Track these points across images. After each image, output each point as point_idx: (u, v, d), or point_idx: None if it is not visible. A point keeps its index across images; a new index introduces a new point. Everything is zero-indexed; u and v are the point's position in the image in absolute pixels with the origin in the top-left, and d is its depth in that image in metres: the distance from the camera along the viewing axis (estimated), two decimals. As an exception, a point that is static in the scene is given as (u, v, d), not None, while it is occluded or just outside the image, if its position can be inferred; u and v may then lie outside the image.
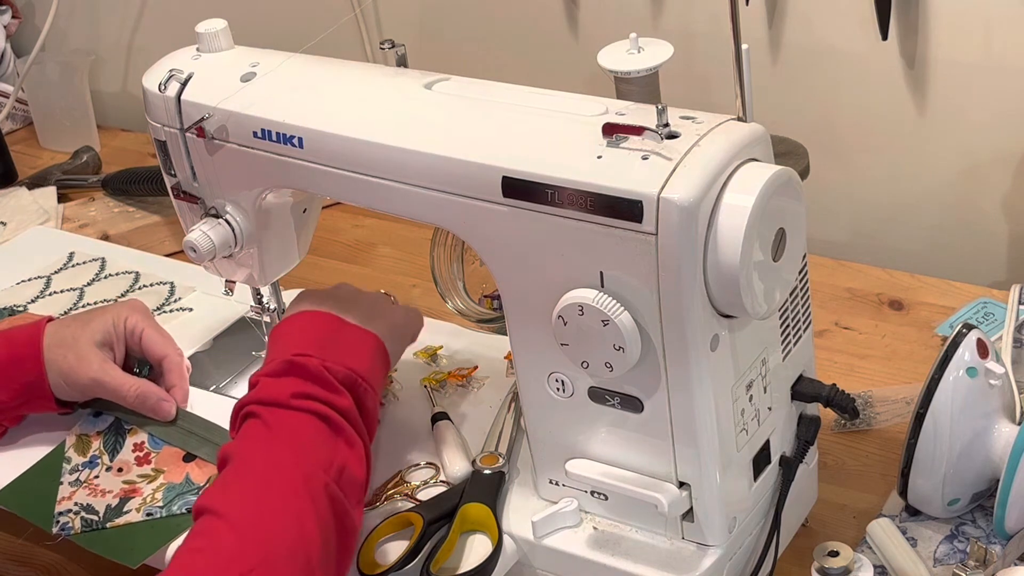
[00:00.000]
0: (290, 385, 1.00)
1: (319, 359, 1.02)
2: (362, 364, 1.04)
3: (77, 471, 1.16)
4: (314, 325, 1.07)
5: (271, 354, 1.06)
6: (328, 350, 1.03)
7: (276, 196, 1.13)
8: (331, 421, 0.99)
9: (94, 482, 1.15)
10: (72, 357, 1.15)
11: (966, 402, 1.02)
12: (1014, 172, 1.38)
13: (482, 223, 0.96)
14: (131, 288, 1.46)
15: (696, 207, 0.87)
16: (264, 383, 1.02)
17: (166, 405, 1.17)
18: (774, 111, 1.34)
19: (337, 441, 0.99)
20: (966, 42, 1.34)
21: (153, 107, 1.13)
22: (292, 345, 1.04)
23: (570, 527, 1.02)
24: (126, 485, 1.14)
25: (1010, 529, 1.02)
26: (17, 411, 1.18)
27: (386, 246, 1.56)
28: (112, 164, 1.81)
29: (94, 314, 1.19)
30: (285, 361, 1.02)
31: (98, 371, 1.15)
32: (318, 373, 1.01)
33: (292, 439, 0.98)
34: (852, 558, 0.99)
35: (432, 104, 1.02)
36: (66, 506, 1.13)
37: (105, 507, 1.12)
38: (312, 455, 0.97)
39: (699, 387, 0.92)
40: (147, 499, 1.12)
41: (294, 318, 1.09)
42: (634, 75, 1.21)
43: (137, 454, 1.17)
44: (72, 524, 1.11)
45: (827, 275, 1.39)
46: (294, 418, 0.99)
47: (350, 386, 1.02)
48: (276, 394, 1.00)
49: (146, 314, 1.21)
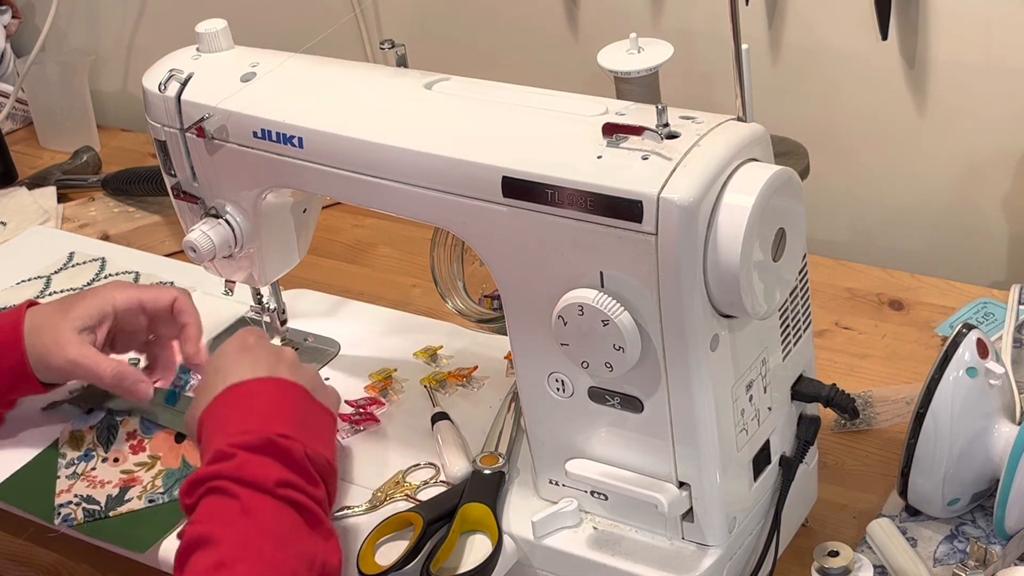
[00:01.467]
0: (274, 470, 0.94)
1: (302, 444, 0.97)
2: (332, 450, 1.01)
3: (73, 464, 1.17)
4: (288, 399, 1.02)
5: (235, 415, 1.00)
6: (305, 433, 0.98)
7: (276, 196, 1.13)
8: (310, 513, 0.94)
9: (92, 474, 1.15)
10: (49, 340, 1.14)
11: (966, 402, 1.02)
12: (1014, 172, 1.38)
13: (482, 223, 0.96)
14: None
15: (696, 207, 0.87)
16: (244, 459, 0.95)
17: (143, 386, 1.15)
18: (774, 111, 1.34)
19: (315, 535, 0.94)
20: (966, 42, 1.34)
21: (153, 107, 1.13)
22: (270, 420, 0.98)
23: (570, 527, 1.02)
24: (124, 475, 1.15)
25: (1010, 529, 1.02)
26: (8, 396, 1.18)
27: (386, 246, 1.56)
28: (112, 164, 1.81)
29: (76, 298, 1.18)
30: (266, 439, 0.95)
31: (75, 353, 1.14)
32: (300, 461, 0.96)
33: (275, 532, 0.92)
34: (852, 558, 0.99)
35: (432, 104, 1.02)
36: (66, 498, 1.13)
37: (106, 497, 1.13)
38: (296, 551, 0.92)
39: (699, 387, 0.92)
40: (147, 487, 1.13)
41: (265, 384, 1.02)
42: (634, 75, 1.21)
43: (131, 442, 1.18)
44: (74, 515, 1.12)
45: (827, 275, 1.39)
46: (276, 508, 0.93)
47: (324, 475, 0.98)
48: (259, 477, 0.94)
49: (134, 287, 1.19)
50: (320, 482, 0.97)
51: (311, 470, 0.96)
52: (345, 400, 1.16)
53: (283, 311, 1.27)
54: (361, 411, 1.18)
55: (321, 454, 0.98)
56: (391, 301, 1.41)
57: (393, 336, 1.29)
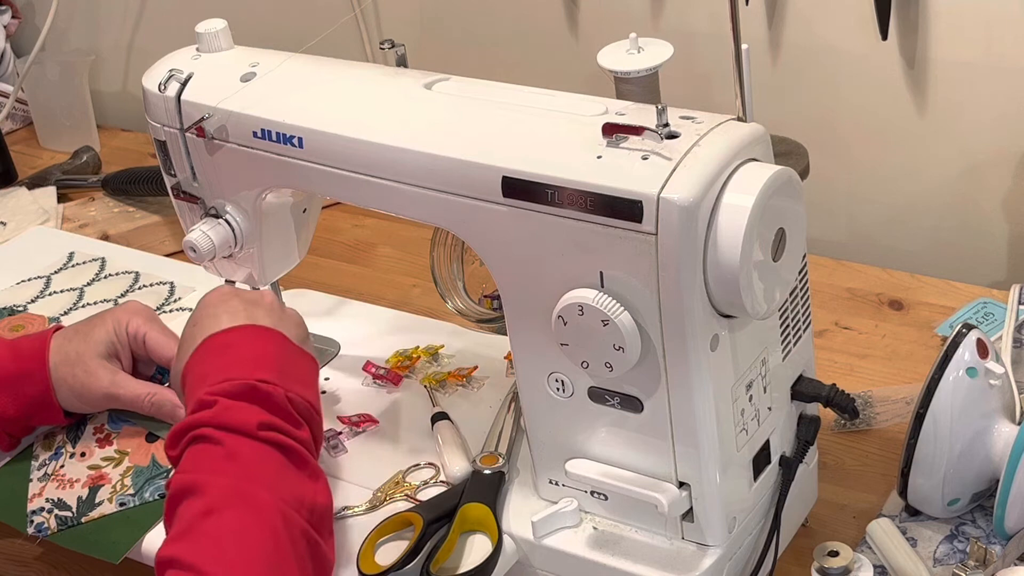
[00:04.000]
0: (254, 413, 0.94)
1: (283, 388, 0.96)
2: (314, 393, 1.01)
3: (44, 465, 1.17)
4: (267, 344, 1.01)
5: (216, 365, 0.99)
6: (287, 377, 0.98)
7: (276, 196, 1.13)
8: (296, 454, 0.94)
9: (60, 472, 1.15)
10: (81, 374, 1.14)
11: (966, 402, 1.02)
12: (1014, 172, 1.38)
13: (482, 223, 0.96)
14: (131, 288, 1.46)
15: (696, 207, 0.87)
16: (225, 405, 0.94)
17: (181, 411, 1.11)
18: (774, 111, 1.34)
19: (302, 475, 0.94)
20: (966, 42, 1.34)
21: (153, 107, 1.13)
22: (250, 365, 0.98)
23: (570, 527, 1.02)
24: (92, 471, 1.14)
25: (1010, 529, 1.02)
26: (26, 423, 1.17)
27: (386, 246, 1.56)
28: (112, 164, 1.81)
29: (94, 323, 1.17)
30: (247, 384, 0.95)
31: (109, 385, 1.14)
32: (282, 404, 0.96)
33: (261, 474, 0.92)
34: (852, 558, 0.99)
35: (432, 104, 1.02)
36: (38, 504, 1.13)
37: (77, 500, 1.12)
38: (284, 493, 0.91)
39: (699, 387, 0.92)
40: (116, 487, 1.12)
41: (243, 331, 1.01)
42: (634, 75, 1.21)
43: (98, 436, 1.18)
44: (48, 524, 1.11)
45: (827, 275, 1.39)
46: (260, 450, 0.93)
47: (307, 418, 0.98)
48: (240, 421, 0.93)
49: (148, 316, 1.19)
50: (304, 424, 0.97)
51: (293, 413, 0.96)
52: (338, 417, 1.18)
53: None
54: (359, 415, 1.18)
55: (303, 397, 0.98)
56: (391, 301, 1.41)
57: (393, 336, 1.29)
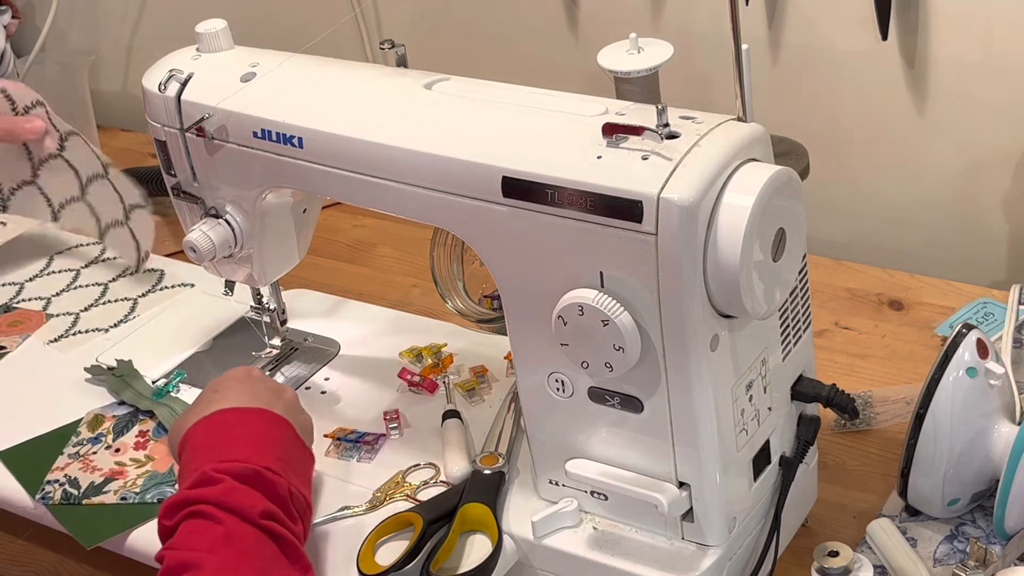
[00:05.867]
0: (258, 500, 0.95)
1: (287, 481, 0.98)
2: (310, 491, 1.03)
3: (80, 445, 1.19)
4: (277, 434, 1.03)
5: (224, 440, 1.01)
6: (291, 471, 1.00)
7: (276, 196, 1.13)
8: (290, 546, 0.95)
9: (90, 456, 1.18)
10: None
11: (966, 402, 1.02)
12: (1014, 172, 1.38)
13: (482, 223, 0.96)
14: (122, 274, 1.48)
15: (696, 207, 0.87)
16: (231, 486, 0.95)
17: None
18: (774, 111, 1.34)
19: (294, 568, 0.94)
20: (966, 42, 1.34)
21: (153, 107, 1.13)
22: (258, 449, 0.99)
23: (570, 527, 1.02)
24: (116, 466, 1.17)
25: (1010, 529, 1.02)
26: None
27: (386, 246, 1.56)
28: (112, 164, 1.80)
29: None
30: (254, 470, 0.96)
31: None
32: (284, 496, 0.97)
33: (256, 561, 0.92)
34: (852, 558, 0.99)
35: (432, 104, 1.02)
36: (56, 476, 1.16)
37: (88, 484, 1.15)
38: None
39: (699, 387, 0.92)
40: (128, 484, 1.15)
41: (257, 414, 1.03)
42: (634, 75, 1.21)
43: (138, 439, 1.20)
44: (53, 495, 1.14)
45: (827, 275, 1.39)
46: (258, 537, 0.93)
47: (302, 514, 0.99)
48: (244, 505, 0.94)
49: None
50: (299, 519, 0.98)
51: (291, 506, 0.97)
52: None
53: (283, 311, 1.27)
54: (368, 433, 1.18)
55: (301, 492, 1.00)
56: (391, 301, 1.41)
57: (393, 336, 1.29)
